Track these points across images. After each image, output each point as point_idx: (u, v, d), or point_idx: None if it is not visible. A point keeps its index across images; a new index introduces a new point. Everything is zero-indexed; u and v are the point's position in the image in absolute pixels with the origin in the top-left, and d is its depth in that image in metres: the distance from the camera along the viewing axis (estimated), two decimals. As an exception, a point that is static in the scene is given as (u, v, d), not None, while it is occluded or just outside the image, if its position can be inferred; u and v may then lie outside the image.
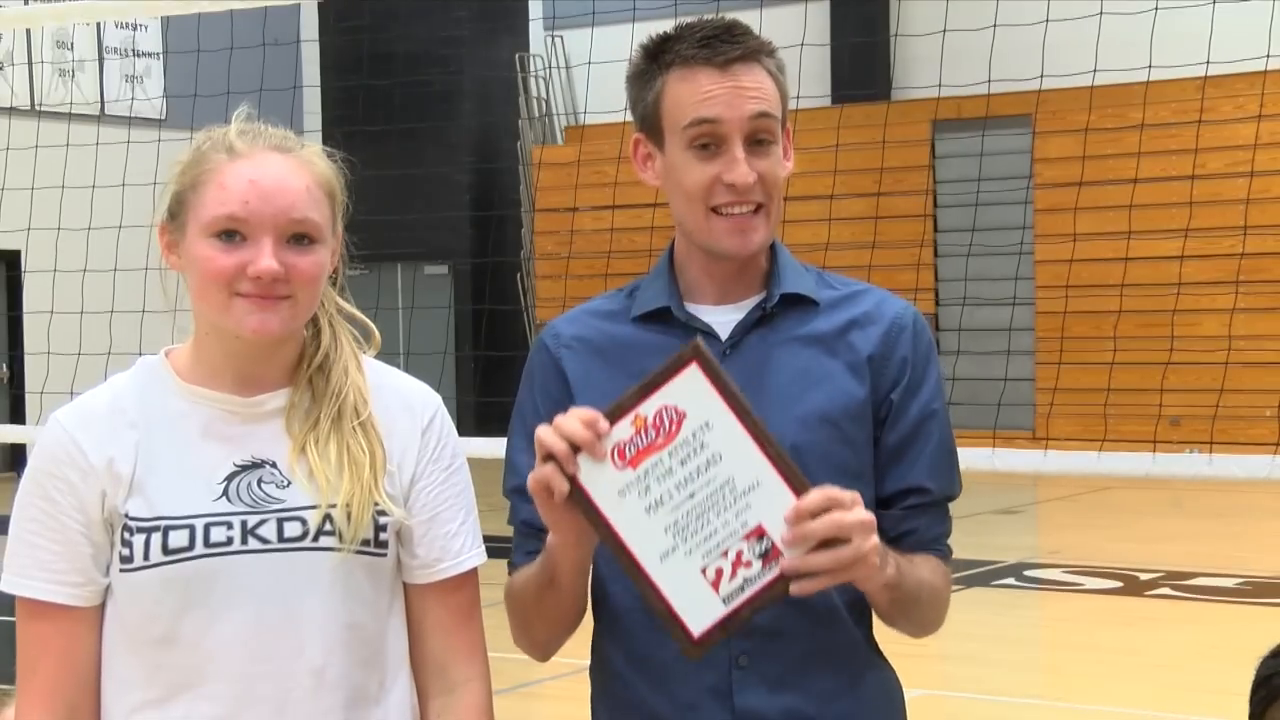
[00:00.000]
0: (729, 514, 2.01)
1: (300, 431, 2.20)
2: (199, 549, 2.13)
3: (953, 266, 17.19)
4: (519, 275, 19.66)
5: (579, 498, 2.05)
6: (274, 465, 2.18)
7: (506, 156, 20.27)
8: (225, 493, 2.16)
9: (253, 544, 2.14)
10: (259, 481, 2.17)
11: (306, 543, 2.16)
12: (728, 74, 2.28)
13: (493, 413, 18.43)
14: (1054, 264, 16.13)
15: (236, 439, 2.19)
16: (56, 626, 2.17)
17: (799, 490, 2.01)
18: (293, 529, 2.16)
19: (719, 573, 2.01)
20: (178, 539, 2.13)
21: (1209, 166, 15.42)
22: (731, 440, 2.02)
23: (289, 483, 2.18)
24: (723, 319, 2.36)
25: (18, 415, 17.36)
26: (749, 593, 2.01)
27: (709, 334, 2.33)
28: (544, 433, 2.05)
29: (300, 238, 2.17)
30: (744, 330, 2.34)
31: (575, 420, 2.04)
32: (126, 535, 2.14)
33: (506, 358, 18.01)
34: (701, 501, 2.02)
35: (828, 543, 2.01)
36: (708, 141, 2.28)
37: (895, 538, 2.29)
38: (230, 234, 2.14)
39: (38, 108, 17.16)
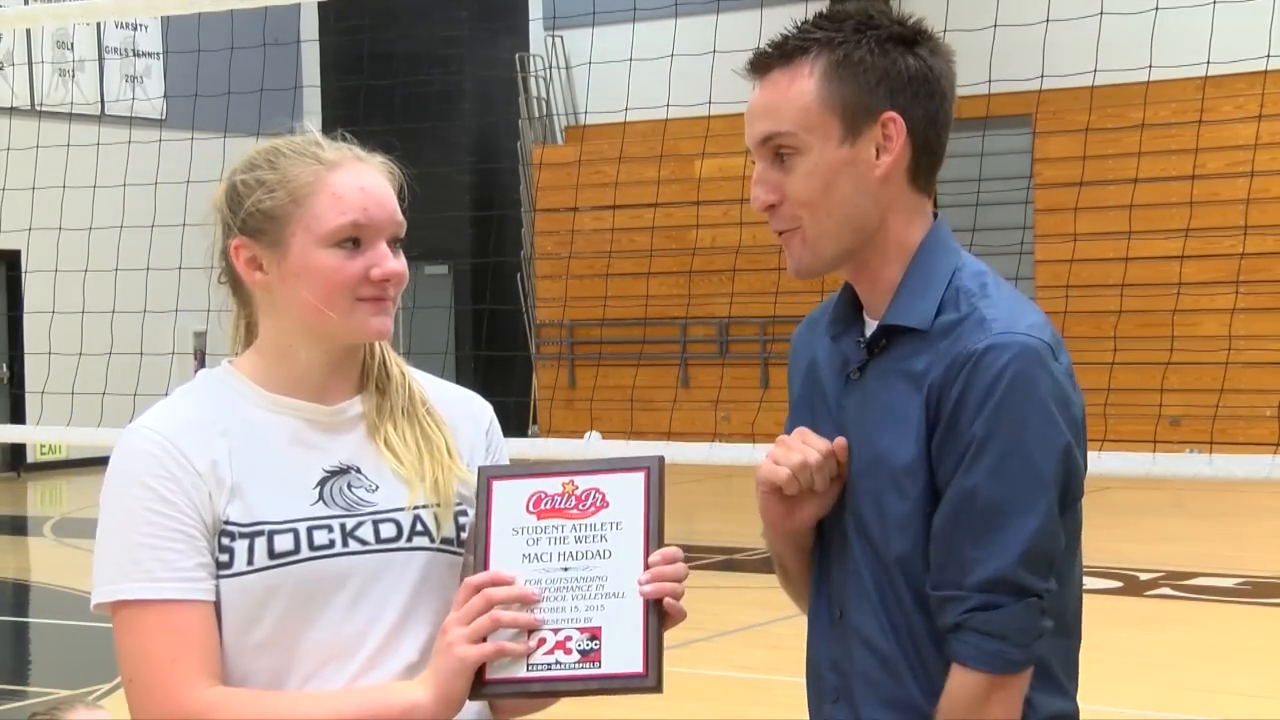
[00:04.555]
0: (582, 603, 2.12)
1: (381, 427, 2.25)
2: (305, 552, 2.15)
3: (953, 266, 17.14)
4: (519, 275, 19.67)
5: (482, 501, 2.18)
6: (359, 470, 2.22)
7: (506, 156, 20.28)
8: (321, 497, 2.19)
9: (353, 545, 2.17)
10: (349, 485, 2.21)
11: (401, 543, 2.20)
12: (759, 86, 2.23)
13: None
14: (1054, 264, 16.14)
15: (321, 446, 2.22)
16: (190, 618, 2.12)
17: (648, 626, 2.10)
18: (388, 530, 2.20)
19: (541, 642, 2.11)
20: (283, 543, 2.15)
21: (1209, 166, 15.42)
22: (627, 549, 2.13)
23: (377, 486, 2.22)
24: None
25: (18, 415, 17.36)
26: (551, 674, 2.10)
27: (850, 360, 2.26)
28: None
29: (397, 241, 2.25)
30: (867, 358, 2.25)
31: None
32: (225, 541, 2.14)
33: (506, 358, 18.02)
34: (570, 579, 2.13)
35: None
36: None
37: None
38: (353, 241, 2.19)
39: (38, 108, 17.19)
